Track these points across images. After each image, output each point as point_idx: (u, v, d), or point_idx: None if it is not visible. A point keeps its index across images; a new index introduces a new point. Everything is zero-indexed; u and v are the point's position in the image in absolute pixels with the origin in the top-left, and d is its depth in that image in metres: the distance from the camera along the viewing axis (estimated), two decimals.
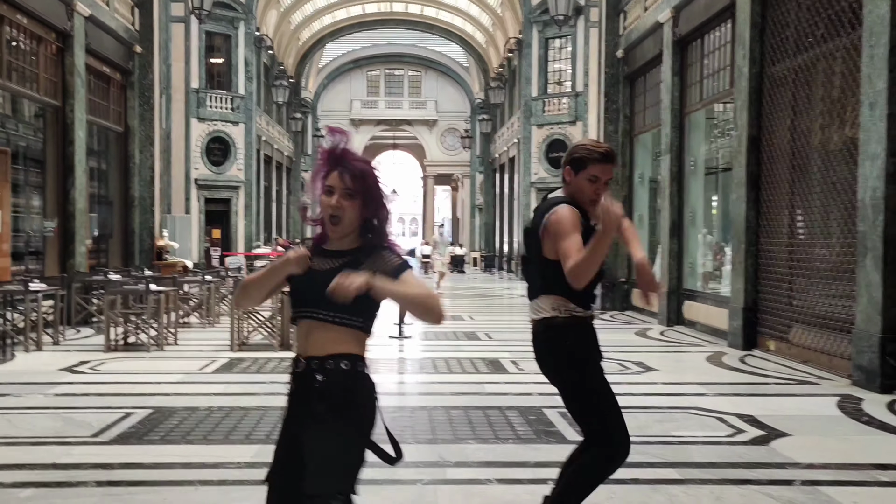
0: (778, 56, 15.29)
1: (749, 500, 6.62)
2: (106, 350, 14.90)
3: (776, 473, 7.36)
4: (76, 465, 7.43)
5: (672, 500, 6.50)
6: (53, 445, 8.19)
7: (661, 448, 8.20)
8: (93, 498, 6.57)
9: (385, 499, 6.62)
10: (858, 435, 9.06)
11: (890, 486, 7.11)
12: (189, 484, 6.92)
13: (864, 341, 11.66)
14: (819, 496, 6.70)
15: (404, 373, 13.62)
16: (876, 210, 11.48)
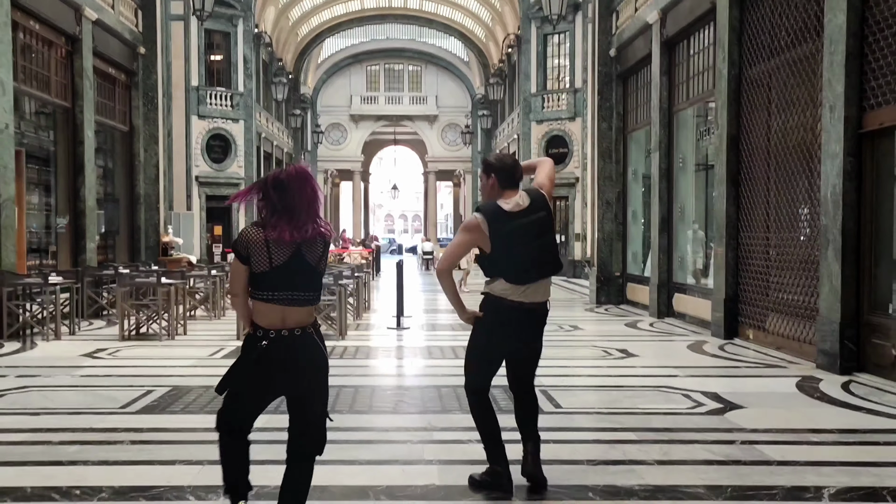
0: (754, 59, 16.55)
1: (691, 454, 7.96)
2: (120, 339, 16.23)
3: (722, 436, 8.70)
4: (111, 430, 8.79)
5: (625, 454, 7.81)
6: (88, 415, 9.56)
7: (626, 417, 9.56)
8: (129, 452, 7.93)
9: (379, 454, 7.97)
10: (806, 408, 10.37)
11: (818, 445, 8.42)
12: (210, 443, 8.24)
13: (826, 327, 12.97)
14: (753, 451, 8.03)
15: (402, 358, 14.95)
16: (836, 205, 12.78)
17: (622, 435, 8.67)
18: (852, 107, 12.66)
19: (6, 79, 16.65)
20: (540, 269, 6.83)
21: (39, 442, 8.29)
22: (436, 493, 6.65)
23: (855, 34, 12.64)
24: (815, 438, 8.68)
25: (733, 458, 7.83)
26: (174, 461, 7.55)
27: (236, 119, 40.19)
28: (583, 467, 7.39)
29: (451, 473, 7.15)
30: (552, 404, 10.15)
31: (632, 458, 7.74)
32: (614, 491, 6.76)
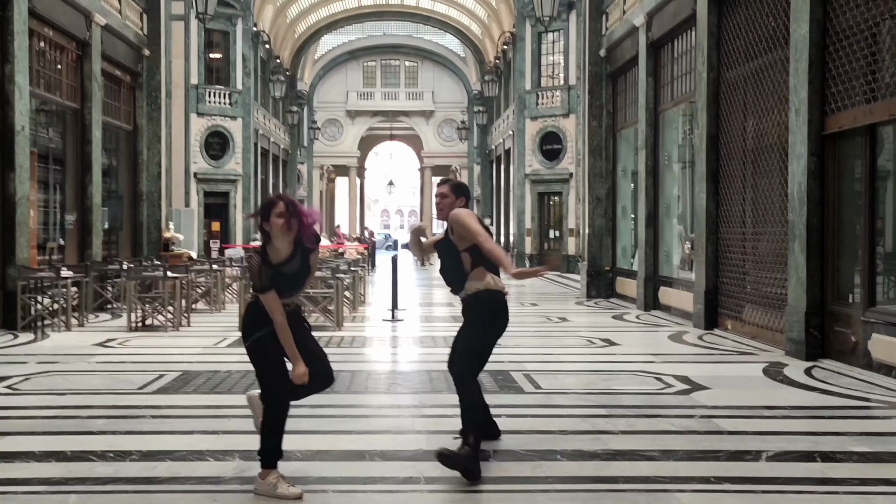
0: (732, 63, 17.59)
1: (653, 426, 9.04)
2: (128, 330, 17.28)
3: (684, 412, 9.79)
4: (132, 406, 9.90)
5: (594, 426, 8.88)
6: (109, 395, 10.67)
7: (599, 397, 10.66)
8: (152, 424, 9.05)
9: (373, 426, 9.08)
10: (767, 388, 11.45)
11: (769, 419, 9.49)
12: (222, 417, 9.35)
13: (793, 317, 14.02)
14: (709, 424, 9.12)
15: (396, 347, 16.03)
16: (801, 202, 13.84)
17: (594, 411, 9.75)
18: (815, 111, 13.69)
19: (23, 83, 17.68)
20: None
21: (70, 416, 9.42)
22: (424, 457, 7.67)
23: (817, 44, 13.68)
24: (767, 413, 9.75)
25: (690, 429, 8.90)
26: (192, 431, 8.64)
27: (234, 116, 41.16)
28: (555, 436, 8.43)
29: (438, 441, 8.16)
30: (533, 385, 11.22)
31: (599, 429, 8.80)
32: (580, 454, 7.82)
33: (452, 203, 7.74)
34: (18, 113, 17.46)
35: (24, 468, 7.30)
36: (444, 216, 7.74)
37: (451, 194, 7.83)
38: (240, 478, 6.97)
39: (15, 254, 17.34)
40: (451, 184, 8.01)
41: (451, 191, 7.86)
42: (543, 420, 9.19)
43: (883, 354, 12.17)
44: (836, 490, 6.81)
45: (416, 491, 6.74)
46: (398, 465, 7.43)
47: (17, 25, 17.54)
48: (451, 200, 7.78)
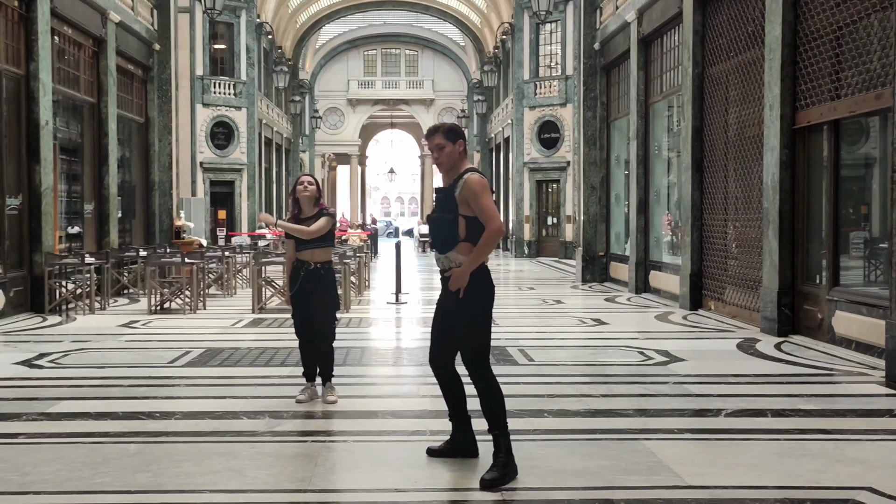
0: (715, 59, 18.72)
1: (630, 390, 10.31)
2: (148, 313, 18.44)
3: (660, 379, 11.03)
4: (167, 377, 11.16)
5: (578, 391, 10.12)
6: (144, 368, 11.91)
7: (584, 368, 11.95)
8: (189, 391, 10.35)
9: (383, 391, 10.41)
10: (738, 360, 12.66)
11: (734, 384, 10.73)
12: (250, 386, 10.60)
13: (768, 296, 15.24)
14: (680, 389, 10.36)
15: (400, 327, 17.30)
16: (774, 191, 15.04)
17: (579, 379, 11.02)
18: (787, 106, 14.88)
19: (46, 80, 18.88)
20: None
21: (113, 385, 10.68)
22: (428, 415, 8.90)
23: (789, 44, 14.84)
24: (733, 381, 10.99)
25: (662, 392, 10.15)
26: (225, 396, 9.89)
27: (239, 107, 42.14)
28: (543, 399, 9.65)
29: (441, 403, 9.31)
30: (526, 359, 12.46)
31: (582, 393, 10.03)
32: (564, 413, 9.04)
33: (452, 151, 7.14)
34: (43, 108, 18.68)
35: (85, 425, 8.53)
36: (447, 168, 7.18)
37: (447, 142, 7.14)
38: (271, 432, 8.21)
39: (41, 241, 18.53)
40: (443, 130, 7.25)
41: (447, 138, 7.17)
42: (534, 387, 10.41)
43: (845, 329, 13.36)
44: (777, 438, 8.02)
45: (423, 441, 7.87)
46: (407, 422, 8.68)
47: (41, 25, 18.74)
48: (450, 149, 7.13)
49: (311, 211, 9.59)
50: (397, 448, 7.79)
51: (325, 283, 9.63)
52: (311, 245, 9.50)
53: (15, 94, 18.42)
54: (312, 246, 9.51)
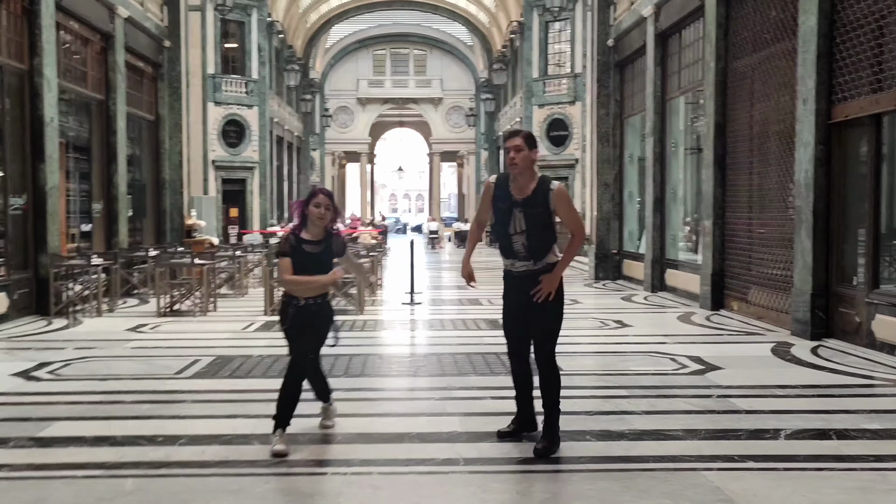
0: (739, 53, 17.69)
1: (672, 405, 9.20)
2: (157, 315, 17.41)
3: (701, 391, 9.95)
4: (173, 391, 10.07)
5: (616, 406, 9.03)
6: (149, 380, 10.80)
7: (618, 378, 10.82)
8: (195, 409, 9.22)
9: (408, 408, 9.26)
10: (777, 368, 11.61)
11: (783, 398, 9.63)
12: (261, 401, 9.49)
13: (800, 298, 14.18)
14: (726, 403, 9.28)
15: (416, 330, 16.13)
16: (808, 189, 13.98)
17: (615, 392, 9.91)
18: (822, 100, 13.83)
19: (51, 76, 17.81)
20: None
21: (115, 402, 9.54)
22: (459, 438, 7.84)
23: (825, 35, 13.80)
24: (779, 392, 9.90)
25: (708, 408, 9.06)
26: (235, 415, 8.80)
27: (250, 105, 41.27)
28: (581, 417, 8.58)
29: (471, 423, 8.36)
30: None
31: (623, 409, 8.95)
32: (608, 434, 7.98)
33: (527, 155, 7.43)
34: (47, 105, 17.62)
35: (78, 453, 7.45)
36: (521, 170, 7.43)
37: (525, 146, 7.45)
38: (287, 462, 7.13)
39: (46, 242, 17.50)
40: (523, 135, 7.57)
41: (526, 142, 7.48)
42: (568, 402, 9.25)
43: (886, 334, 12.36)
44: (853, 466, 6.96)
45: (457, 472, 6.86)
46: (436, 447, 7.58)
47: (45, 19, 17.70)
48: (526, 153, 7.43)
49: (318, 234, 7.69)
50: (430, 482, 6.72)
51: (329, 320, 7.98)
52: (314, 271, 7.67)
53: (18, 90, 17.37)
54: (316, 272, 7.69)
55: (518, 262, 7.57)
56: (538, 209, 7.41)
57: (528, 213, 7.43)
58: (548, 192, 7.40)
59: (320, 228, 7.66)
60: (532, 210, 7.42)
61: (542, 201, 7.40)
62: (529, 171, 7.48)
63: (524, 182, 7.47)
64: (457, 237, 55.66)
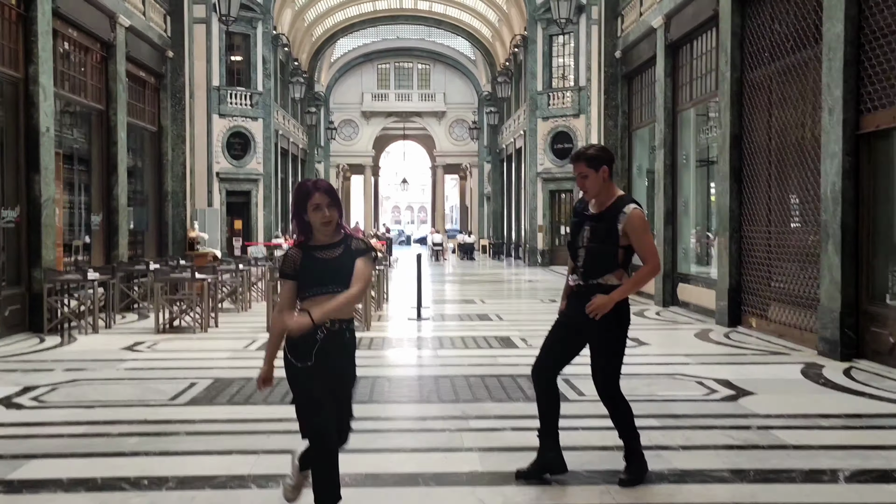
0: (756, 63, 16.75)
1: (712, 439, 8.18)
2: (156, 332, 16.42)
3: (738, 421, 8.93)
4: (165, 421, 9.01)
5: (650, 440, 7.99)
6: (140, 407, 9.77)
7: (647, 405, 9.74)
8: (186, 443, 8.16)
9: (420, 441, 8.21)
10: (813, 393, 10.60)
11: (829, 430, 8.64)
12: (261, 433, 8.48)
13: (827, 316, 13.18)
14: (769, 436, 8.25)
15: (424, 348, 15.09)
16: (835, 202, 12.99)
17: (645, 422, 8.84)
18: (850, 110, 12.87)
19: (47, 84, 16.84)
20: None
21: (99, 434, 8.49)
22: (480, 480, 6.85)
23: (852, 42, 12.85)
24: (824, 423, 8.90)
25: (751, 442, 8.05)
26: (231, 451, 7.76)
27: (255, 117, 40.42)
28: (613, 453, 7.54)
29: (492, 460, 7.36)
30: (575, 392, 10.30)
31: (657, 443, 7.93)
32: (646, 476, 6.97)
33: (596, 178, 6.81)
34: (43, 114, 16.64)
35: (52, 500, 6.44)
36: (593, 195, 6.89)
37: (590, 171, 6.80)
38: None
39: (41, 256, 16.52)
40: (585, 158, 6.89)
41: (590, 166, 6.82)
42: (597, 433, 8.32)
43: None
44: None
45: None
46: (455, 492, 6.58)
47: (41, 26, 16.73)
48: (593, 178, 6.79)
49: (331, 238, 5.79)
50: None
51: (349, 350, 5.90)
52: (330, 287, 5.68)
53: (13, 99, 16.40)
54: (333, 289, 5.68)
55: (575, 278, 7.01)
56: (604, 225, 6.80)
57: (594, 227, 6.87)
58: (619, 212, 6.76)
59: (330, 232, 5.75)
60: (598, 224, 6.85)
61: (611, 219, 6.78)
62: (606, 190, 6.89)
63: (603, 199, 6.90)
64: (460, 249, 55.08)
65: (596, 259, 6.83)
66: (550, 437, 7.03)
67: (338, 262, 5.69)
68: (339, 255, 5.72)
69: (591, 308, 6.70)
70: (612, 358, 6.93)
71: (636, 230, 6.73)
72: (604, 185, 6.85)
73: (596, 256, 6.83)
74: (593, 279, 6.83)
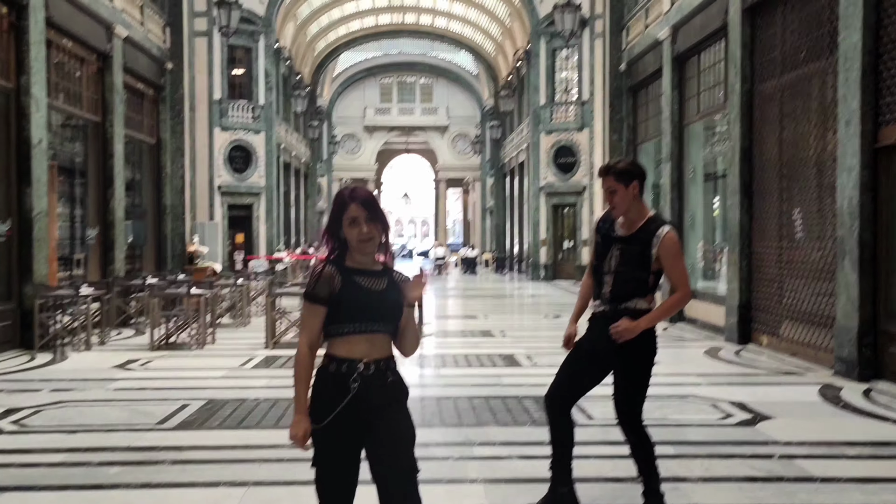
0: (766, 74, 16.21)
1: (733, 470, 7.59)
2: (150, 349, 15.82)
3: (758, 449, 8.33)
4: (150, 448, 8.41)
5: (667, 470, 7.38)
6: (125, 432, 9.17)
7: (660, 430, 9.11)
8: (171, 473, 7.55)
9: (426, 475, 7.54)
10: (834, 418, 10.00)
11: (856, 459, 8.04)
12: (252, 461, 7.90)
13: (844, 335, 12.58)
14: (793, 467, 7.66)
15: (426, 367, 14.43)
16: (852, 217, 12.41)
17: (661, 449, 8.20)
18: (868, 122, 12.31)
19: (40, 95, 16.30)
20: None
21: (79, 463, 7.89)
22: None
23: (870, 52, 12.29)
24: (850, 452, 8.31)
25: (775, 474, 7.46)
26: (218, 483, 7.17)
27: (257, 130, 39.85)
28: (628, 485, 7.00)
29: (498, 492, 6.82)
30: (585, 416, 9.72)
31: (675, 474, 7.36)
32: None
33: (625, 194, 6.12)
34: (35, 125, 16.08)
35: None
36: (622, 212, 6.20)
37: (619, 185, 6.12)
38: None
39: (32, 271, 15.95)
40: (614, 172, 6.20)
41: (619, 180, 6.14)
42: (609, 462, 7.74)
43: None
44: None
45: None
46: None
47: (34, 35, 16.19)
48: (623, 193, 6.12)
49: (372, 262, 4.62)
50: None
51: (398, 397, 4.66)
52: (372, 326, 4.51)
53: (4, 110, 15.85)
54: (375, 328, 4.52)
55: (600, 304, 6.38)
56: (636, 248, 6.19)
57: (625, 251, 6.24)
58: (653, 234, 6.13)
59: (371, 255, 4.58)
60: (629, 248, 6.23)
61: (643, 241, 6.16)
62: (636, 207, 6.22)
63: (633, 218, 6.23)
64: (462, 263, 54.68)
65: (625, 285, 6.24)
66: (563, 471, 6.50)
67: (385, 295, 4.54)
68: (385, 287, 4.57)
69: (615, 330, 6.07)
70: (638, 388, 6.45)
71: (669, 255, 6.14)
72: (633, 203, 6.19)
73: (625, 282, 6.24)
74: (621, 304, 6.24)
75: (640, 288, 6.23)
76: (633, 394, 6.47)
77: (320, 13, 49.81)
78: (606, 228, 6.39)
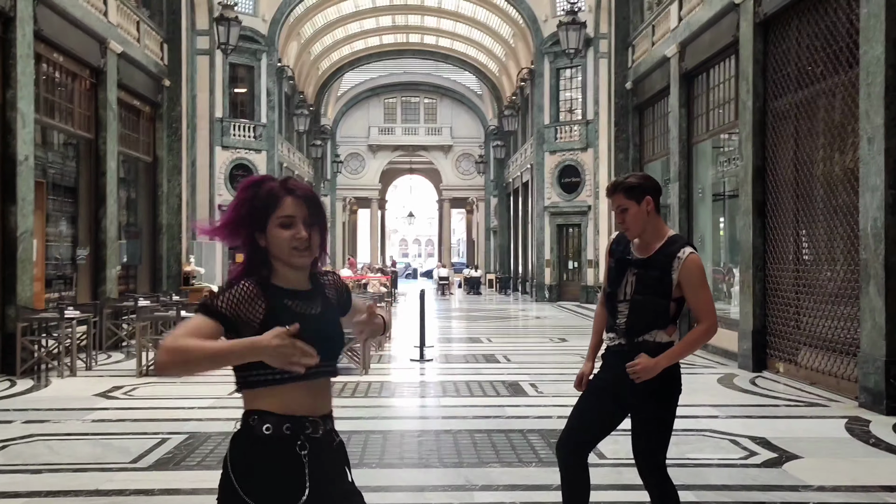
0: (780, 91, 15.44)
1: None
2: (138, 375, 14.97)
3: (789, 496, 7.46)
4: (119, 492, 7.54)
5: None
6: (95, 472, 8.29)
7: (678, 471, 8.21)
8: None
9: None
10: (867, 457, 9.13)
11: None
12: None
13: (870, 365, 11.72)
14: None
15: (426, 396, 13.64)
16: (877, 239, 11.57)
17: (681, 494, 7.36)
18: (892, 139, 11.51)
19: (27, 110, 15.48)
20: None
21: None
22: None
23: (893, 66, 11.50)
24: (890, 499, 7.43)
25: None
26: None
27: (259, 149, 39.25)
28: None
29: None
30: (595, 454, 8.82)
31: None
32: None
33: (638, 212, 5.29)
34: (21, 142, 15.24)
35: None
36: (637, 233, 5.35)
37: (630, 202, 5.29)
38: None
39: (16, 293, 15.08)
40: (623, 188, 5.35)
41: (629, 197, 5.30)
42: None
43: None
44: None
45: None
46: None
47: (21, 49, 15.35)
48: (635, 211, 5.28)
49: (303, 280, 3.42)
50: None
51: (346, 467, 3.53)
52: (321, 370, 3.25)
53: None
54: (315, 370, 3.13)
55: (615, 337, 5.47)
56: (654, 272, 5.30)
57: (641, 276, 5.34)
58: (673, 257, 5.26)
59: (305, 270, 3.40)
60: (646, 272, 5.34)
61: (662, 265, 5.28)
62: (652, 226, 5.35)
63: (649, 239, 5.37)
64: (466, 283, 54.03)
65: (642, 314, 5.35)
66: None
67: (322, 321, 3.35)
68: (321, 310, 3.39)
69: (634, 369, 5.20)
70: (661, 432, 5.54)
71: (692, 281, 5.25)
72: (649, 221, 5.33)
73: (642, 311, 5.34)
74: (638, 336, 5.35)
75: (660, 318, 5.34)
76: (655, 440, 5.56)
77: (324, 33, 49.40)
78: (620, 251, 5.51)
